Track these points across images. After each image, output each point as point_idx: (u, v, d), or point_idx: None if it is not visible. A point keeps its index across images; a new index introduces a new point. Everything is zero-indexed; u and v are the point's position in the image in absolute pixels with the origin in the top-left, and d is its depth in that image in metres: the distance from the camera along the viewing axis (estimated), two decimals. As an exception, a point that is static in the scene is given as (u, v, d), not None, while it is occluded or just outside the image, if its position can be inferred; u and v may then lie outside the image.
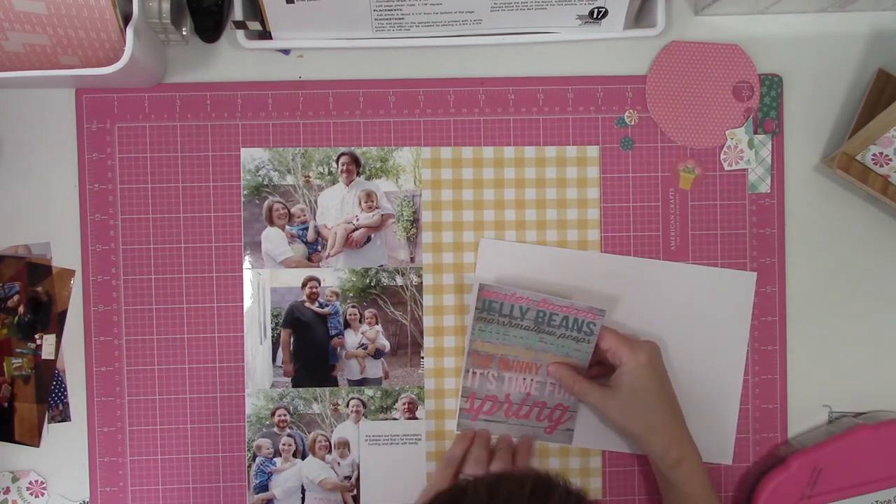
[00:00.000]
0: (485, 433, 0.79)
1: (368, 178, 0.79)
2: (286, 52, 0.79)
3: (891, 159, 0.76)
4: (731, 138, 0.80)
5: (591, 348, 0.75)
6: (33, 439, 0.79)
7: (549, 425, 0.78)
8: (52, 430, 0.79)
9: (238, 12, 0.75)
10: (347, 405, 0.79)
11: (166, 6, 0.72)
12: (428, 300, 0.80)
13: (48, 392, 0.79)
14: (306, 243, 0.79)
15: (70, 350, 0.79)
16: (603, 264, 0.80)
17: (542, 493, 0.54)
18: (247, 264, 0.79)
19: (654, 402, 0.73)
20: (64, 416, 0.79)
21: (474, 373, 0.78)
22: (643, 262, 0.80)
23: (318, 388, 0.79)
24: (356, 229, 0.79)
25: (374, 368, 0.80)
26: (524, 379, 0.77)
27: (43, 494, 0.79)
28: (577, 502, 0.55)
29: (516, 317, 0.75)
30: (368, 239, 0.79)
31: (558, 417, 0.78)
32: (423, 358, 0.80)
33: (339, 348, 0.80)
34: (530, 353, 0.77)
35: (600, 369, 0.77)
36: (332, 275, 0.79)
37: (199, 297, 0.79)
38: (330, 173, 0.79)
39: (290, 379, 0.79)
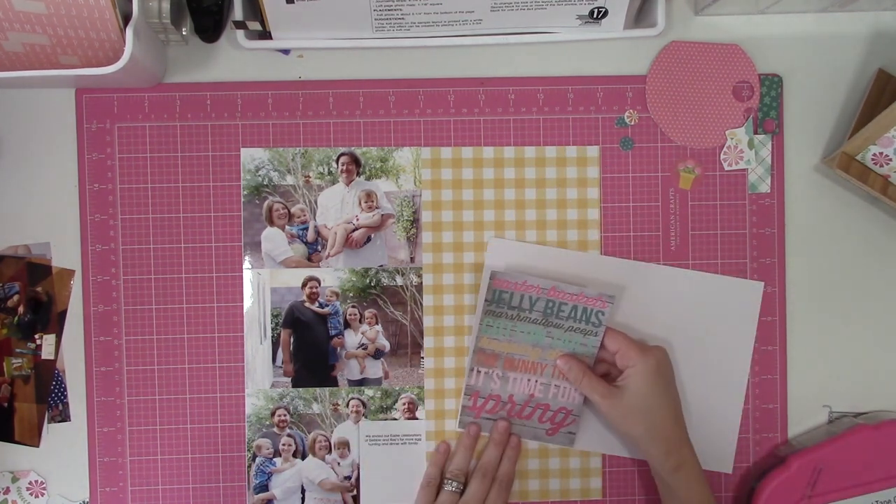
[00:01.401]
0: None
1: (368, 178, 0.79)
2: (286, 52, 0.79)
3: (891, 159, 0.76)
4: (731, 138, 0.80)
5: (598, 342, 0.76)
6: (33, 439, 0.79)
7: (551, 427, 0.78)
8: (51, 430, 0.79)
9: (238, 12, 0.75)
10: (347, 405, 0.79)
11: (166, 6, 0.72)
12: (428, 300, 0.80)
13: (48, 392, 0.79)
14: (306, 243, 0.79)
15: (70, 350, 0.79)
16: (611, 267, 0.80)
17: None
18: (247, 264, 0.79)
19: (658, 406, 0.73)
20: (64, 416, 0.79)
21: (479, 371, 0.78)
22: (651, 266, 0.80)
23: (318, 388, 0.79)
24: (356, 229, 0.79)
25: (374, 368, 0.80)
26: (529, 380, 0.77)
27: (43, 494, 0.79)
28: None
29: (525, 308, 0.75)
30: (368, 239, 0.79)
31: (561, 420, 0.78)
32: (423, 358, 0.80)
33: (339, 348, 0.80)
34: (536, 351, 0.77)
35: (605, 372, 0.77)
36: (332, 275, 0.79)
37: (199, 297, 0.79)
38: (330, 173, 0.79)
39: (290, 379, 0.79)
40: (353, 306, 0.79)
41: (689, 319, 0.80)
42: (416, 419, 0.80)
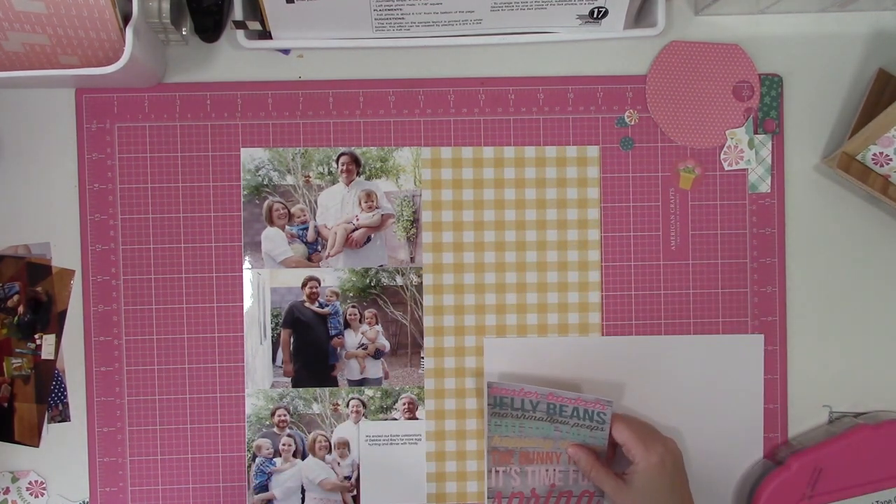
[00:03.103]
0: None
1: (368, 178, 0.79)
2: (286, 52, 0.79)
3: (891, 159, 0.76)
4: (732, 138, 0.80)
5: (606, 435, 0.75)
6: (33, 439, 0.79)
7: None
8: (51, 430, 0.79)
9: (238, 12, 0.75)
10: (347, 405, 0.79)
11: (166, 6, 0.72)
12: (428, 300, 0.80)
13: (48, 392, 0.78)
14: (306, 243, 0.79)
15: (70, 350, 0.79)
16: (606, 348, 0.80)
17: None
18: (247, 264, 0.79)
19: (666, 501, 0.72)
20: (64, 416, 0.79)
21: (497, 471, 0.77)
22: (646, 339, 0.80)
23: (318, 389, 0.79)
24: (356, 229, 0.79)
25: (374, 368, 0.80)
26: (547, 470, 0.77)
27: (43, 494, 0.79)
28: None
29: (528, 409, 0.75)
30: (368, 239, 0.79)
31: None
32: (423, 358, 0.80)
33: (339, 348, 0.80)
34: (548, 442, 0.76)
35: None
36: (332, 275, 0.79)
37: (199, 297, 0.79)
38: (330, 173, 0.79)
39: (289, 379, 0.79)
40: (353, 306, 0.79)
41: (695, 385, 0.79)
42: (416, 419, 0.80)
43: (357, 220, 0.79)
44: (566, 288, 0.80)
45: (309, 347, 0.79)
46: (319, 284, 0.79)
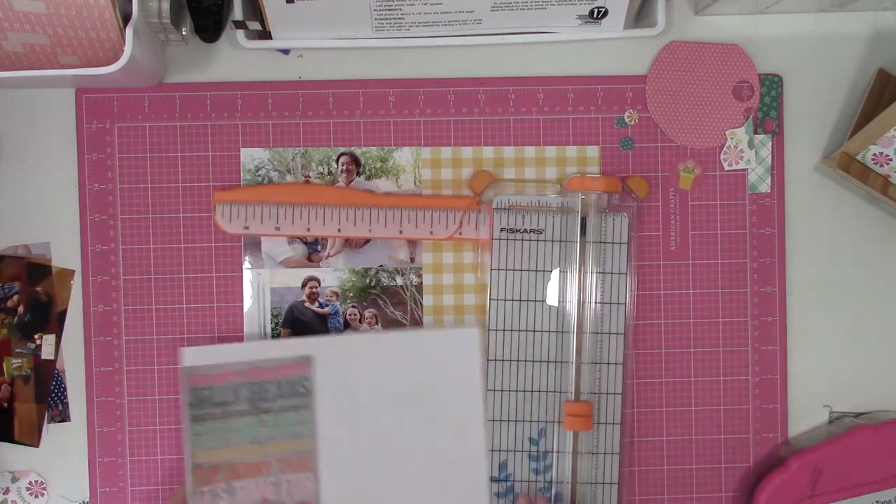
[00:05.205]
0: None
1: (368, 178, 0.79)
2: (286, 52, 0.79)
3: (891, 159, 0.76)
4: (731, 138, 0.80)
5: (314, 415, 0.72)
6: (33, 439, 0.79)
7: None
8: (51, 431, 0.79)
9: (238, 12, 0.75)
10: (347, 405, 0.79)
11: (166, 6, 0.72)
12: (428, 300, 0.80)
13: (48, 392, 0.78)
14: (306, 243, 0.79)
15: (70, 350, 0.79)
16: (299, 348, 0.75)
17: None
18: (247, 264, 0.79)
19: None
20: (64, 417, 0.79)
21: (201, 492, 0.73)
22: (351, 338, 0.77)
23: (317, 389, 0.79)
24: (356, 229, 0.79)
25: (374, 368, 0.80)
26: (256, 483, 0.73)
27: (43, 494, 0.79)
28: None
29: (231, 401, 0.72)
30: (368, 239, 0.79)
31: None
32: (422, 358, 0.80)
33: (338, 348, 0.80)
34: (255, 448, 0.73)
35: None
36: (332, 275, 0.79)
37: (199, 297, 0.79)
38: (330, 173, 0.79)
39: (289, 379, 0.79)
40: (353, 306, 0.79)
41: (406, 388, 0.75)
42: (416, 419, 0.80)
43: (357, 220, 0.79)
44: (566, 288, 0.80)
45: (309, 347, 0.79)
46: (319, 284, 0.79)
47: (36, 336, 0.79)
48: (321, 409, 0.74)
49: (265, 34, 0.76)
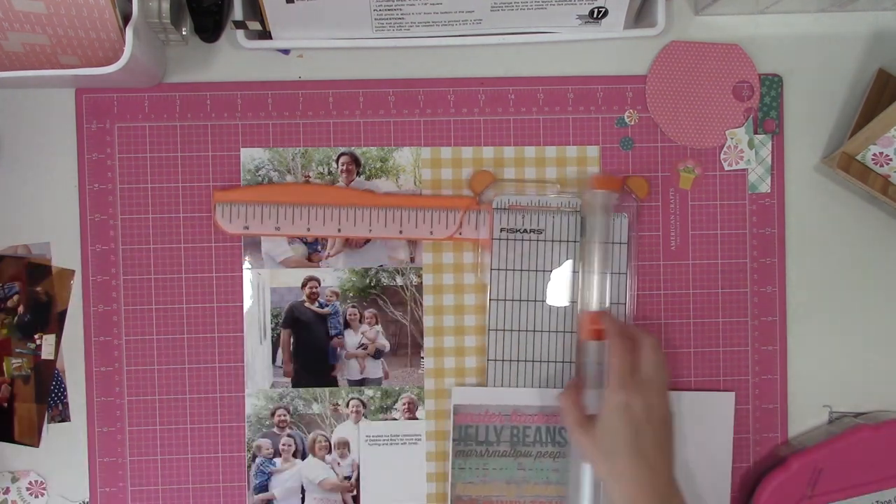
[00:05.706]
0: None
1: (368, 178, 0.79)
2: (286, 52, 0.79)
3: (891, 159, 0.76)
4: (731, 138, 0.80)
5: (569, 465, 0.75)
6: (33, 439, 0.79)
7: None
8: (51, 430, 0.79)
9: (238, 12, 0.75)
10: (347, 405, 0.79)
11: (166, 6, 0.72)
12: (428, 300, 0.80)
13: (48, 392, 0.78)
14: (306, 243, 0.79)
15: (70, 350, 0.79)
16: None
17: None
18: (247, 264, 0.79)
19: (624, 449, 0.66)
20: (64, 416, 0.79)
21: None
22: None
23: (317, 389, 0.79)
24: (356, 229, 0.79)
25: (374, 368, 0.80)
26: None
27: (43, 494, 0.79)
28: None
29: (492, 441, 0.76)
30: (368, 239, 0.79)
31: None
32: (423, 358, 0.80)
33: (338, 348, 0.80)
34: (512, 488, 0.76)
35: None
36: (332, 275, 0.79)
37: (199, 297, 0.79)
38: (330, 173, 0.79)
39: (289, 379, 0.79)
40: (353, 306, 0.79)
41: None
42: (416, 419, 0.80)
43: (357, 220, 0.79)
44: (566, 288, 0.80)
45: (309, 347, 0.79)
46: (319, 284, 0.79)
47: (36, 336, 0.79)
48: (576, 459, 0.74)
49: (265, 34, 0.76)
